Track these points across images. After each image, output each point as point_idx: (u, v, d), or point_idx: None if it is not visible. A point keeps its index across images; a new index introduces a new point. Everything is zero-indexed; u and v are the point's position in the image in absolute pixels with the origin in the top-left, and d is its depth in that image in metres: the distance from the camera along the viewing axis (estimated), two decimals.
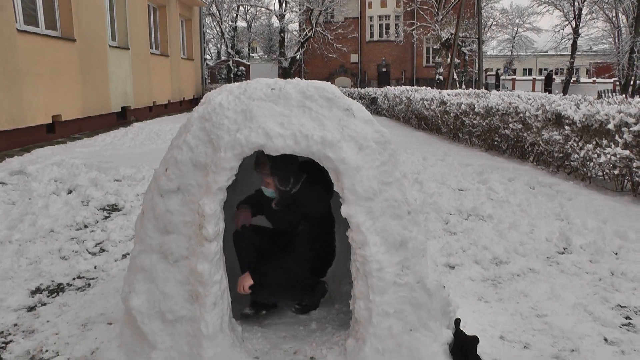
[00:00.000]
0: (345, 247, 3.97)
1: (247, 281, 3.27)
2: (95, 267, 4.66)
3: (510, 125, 10.58)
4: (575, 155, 8.41)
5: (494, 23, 53.64)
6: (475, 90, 17.73)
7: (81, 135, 13.69)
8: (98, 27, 14.79)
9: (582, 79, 53.74)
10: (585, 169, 8.34)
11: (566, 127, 8.58)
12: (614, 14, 42.14)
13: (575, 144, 8.41)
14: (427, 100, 15.93)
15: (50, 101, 12.08)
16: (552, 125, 9.14)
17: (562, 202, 7.19)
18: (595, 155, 7.88)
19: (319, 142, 2.71)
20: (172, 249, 2.88)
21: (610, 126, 7.44)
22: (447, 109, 14.00)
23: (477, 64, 29.61)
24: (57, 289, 4.19)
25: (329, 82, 3.15)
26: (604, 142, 7.67)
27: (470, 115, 12.44)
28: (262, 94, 2.92)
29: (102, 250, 5.18)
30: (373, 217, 2.80)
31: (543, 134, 9.36)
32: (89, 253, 5.09)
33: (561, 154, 8.94)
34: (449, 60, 28.61)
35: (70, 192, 7.48)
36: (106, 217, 6.39)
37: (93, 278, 4.43)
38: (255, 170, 3.34)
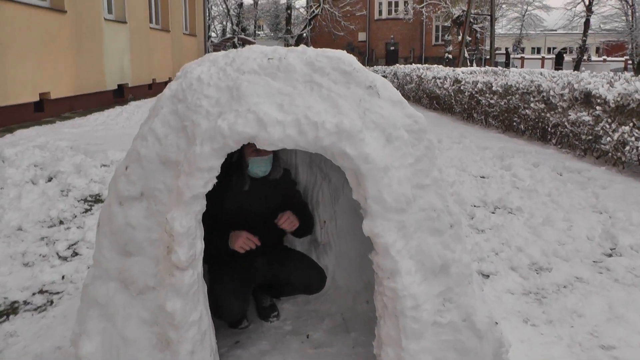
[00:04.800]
0: (362, 255, 3.24)
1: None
2: (62, 278, 3.91)
3: (532, 105, 9.78)
4: (608, 139, 7.62)
5: (503, 2, 52.43)
6: (492, 67, 16.85)
7: (73, 115, 12.91)
8: None
9: (593, 58, 52.54)
10: (618, 153, 7.55)
11: (597, 107, 7.78)
12: None
13: (607, 126, 7.61)
14: (439, 78, 15.07)
15: (37, 77, 11.28)
16: (580, 105, 8.35)
17: (596, 191, 6.44)
18: (633, 139, 7.09)
19: (332, 131, 1.96)
20: (135, 276, 2.14)
21: None
22: (462, 87, 13.16)
23: (488, 42, 28.62)
24: (8, 310, 3.44)
25: (345, 52, 2.37)
26: None
27: (487, 95, 11.62)
28: (255, 66, 2.16)
29: (75, 254, 4.44)
30: (406, 234, 2.05)
31: (569, 115, 8.57)
32: (59, 258, 4.34)
33: (590, 137, 8.15)
34: (460, 38, 27.62)
35: (50, 180, 6.74)
36: (86, 211, 5.65)
37: (58, 292, 3.69)
38: None
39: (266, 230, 2.97)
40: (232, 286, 2.80)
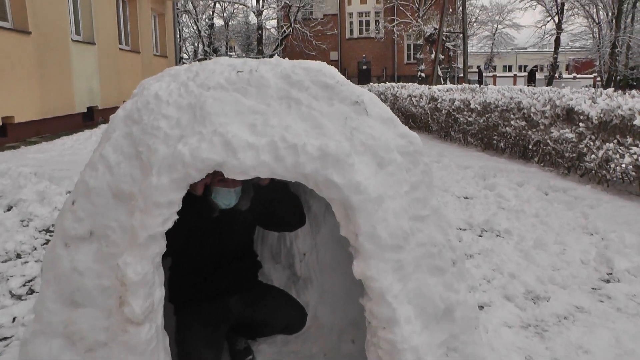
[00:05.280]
0: (346, 289, 2.93)
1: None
2: (13, 320, 3.50)
3: (512, 122, 9.62)
4: (592, 156, 7.45)
5: (474, 20, 53.29)
6: (469, 85, 16.78)
7: (39, 139, 12.41)
8: (58, 19, 13.50)
9: (564, 75, 53.52)
10: (603, 171, 7.38)
11: (580, 124, 7.62)
12: (594, 10, 41.90)
13: (591, 143, 7.45)
14: (415, 97, 14.92)
15: (0, 101, 10.81)
16: (562, 122, 8.19)
17: (584, 211, 6.24)
18: (617, 156, 6.92)
19: (316, 156, 1.65)
20: (83, 330, 1.79)
21: (638, 121, 6.48)
22: (439, 105, 13.01)
23: (460, 60, 28.81)
24: None
25: (325, 63, 2.08)
26: (628, 140, 6.72)
27: (465, 112, 11.47)
28: (222, 80, 1.85)
29: (31, 292, 4.02)
30: (403, 275, 1.74)
31: (552, 132, 8.40)
32: (12, 296, 3.93)
33: (574, 154, 7.98)
34: (432, 56, 27.72)
35: (9, 209, 6.31)
36: (47, 242, 5.23)
37: (6, 338, 3.28)
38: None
39: (238, 264, 2.64)
40: (203, 334, 2.45)
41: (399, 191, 1.79)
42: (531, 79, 37.65)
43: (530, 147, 9.36)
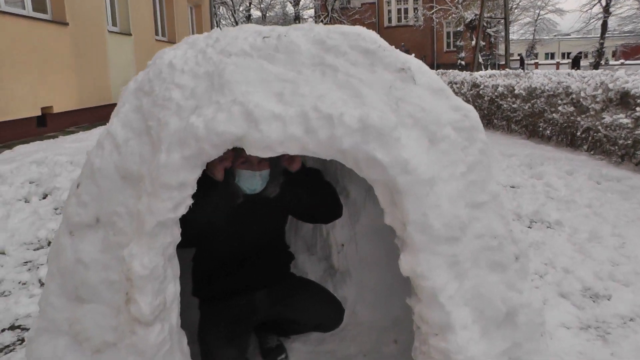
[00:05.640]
0: (388, 285, 2.67)
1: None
2: None
3: (560, 108, 9.13)
4: None
5: (515, 6, 51.87)
6: (512, 70, 16.20)
7: (77, 129, 12.46)
8: (95, 11, 13.52)
9: (610, 62, 51.70)
10: None
11: (637, 109, 7.12)
12: None
13: None
14: (456, 83, 14.44)
15: (39, 91, 10.84)
16: (616, 106, 7.69)
17: None
18: None
19: (355, 128, 1.39)
20: (89, 329, 1.58)
21: None
22: (481, 92, 12.53)
23: (501, 47, 28.00)
24: None
25: (364, 27, 1.80)
26: None
27: (509, 98, 10.99)
28: (246, 46, 1.60)
29: None
30: (459, 273, 1.46)
31: (603, 118, 7.91)
32: (41, 285, 3.79)
33: (628, 142, 7.49)
34: (473, 42, 27.01)
35: (44, 197, 6.23)
36: None
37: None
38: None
39: (266, 256, 2.39)
40: (226, 330, 2.21)
41: (454, 173, 1.52)
42: (576, 66, 36.46)
43: (578, 134, 8.87)
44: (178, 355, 1.61)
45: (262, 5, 47.77)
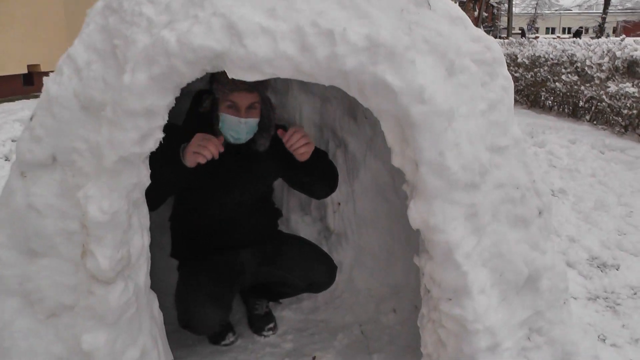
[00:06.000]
0: (388, 249, 2.47)
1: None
2: None
3: (563, 77, 8.86)
4: None
5: None
6: (516, 39, 15.84)
7: None
8: None
9: (611, 37, 51.17)
10: None
11: None
12: None
13: None
14: None
15: (26, 49, 10.48)
16: (622, 75, 7.45)
17: None
18: None
19: (361, 47, 1.15)
20: (43, 289, 1.35)
21: None
22: None
23: (503, 19, 27.57)
24: None
25: None
26: None
27: (511, 67, 10.68)
28: None
29: None
30: (478, 227, 1.25)
31: (608, 87, 7.66)
32: None
33: (634, 111, 7.27)
34: (476, 14, 26.53)
35: None
36: None
37: None
38: (215, 84, 1.93)
39: (252, 214, 2.16)
40: (208, 289, 2.00)
41: (474, 110, 1.29)
42: None
43: (581, 104, 8.64)
44: (147, 320, 1.39)
45: None
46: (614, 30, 57.33)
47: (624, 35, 8.80)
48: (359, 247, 2.57)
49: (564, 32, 61.09)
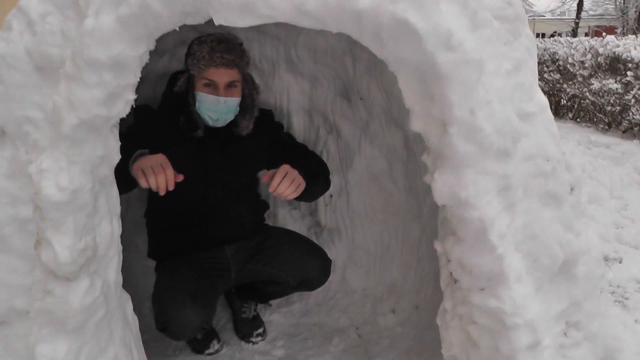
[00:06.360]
0: (385, 245, 2.29)
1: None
2: None
3: (545, 75, 8.82)
4: None
5: None
6: None
7: None
8: None
9: None
10: None
11: (628, 73, 6.85)
12: None
13: None
14: None
15: None
16: (605, 72, 7.41)
17: (637, 166, 5.58)
18: None
19: None
20: None
21: None
22: None
23: None
24: None
25: None
26: None
27: None
28: None
29: None
30: (510, 203, 1.06)
31: (591, 84, 7.62)
32: None
33: (617, 107, 7.23)
34: None
35: None
36: None
37: None
38: (189, 59, 1.75)
39: (236, 205, 1.95)
40: (189, 289, 1.77)
41: (499, 69, 1.11)
42: None
43: (564, 102, 8.60)
44: (118, 326, 1.16)
45: None
46: (586, 35, 58.47)
47: (605, 34, 8.80)
48: (353, 243, 2.38)
49: (537, 37, 62.03)
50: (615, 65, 7.27)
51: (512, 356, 1.01)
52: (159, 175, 1.47)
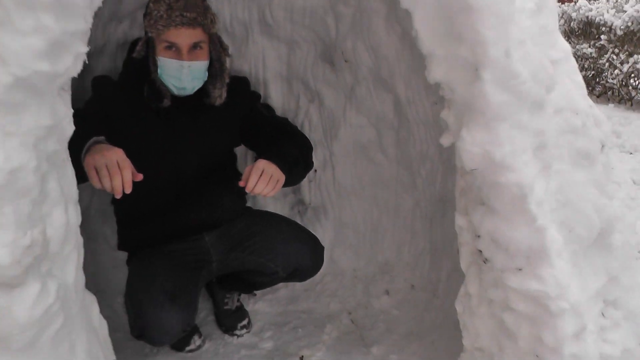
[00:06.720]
0: (374, 221, 2.15)
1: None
2: None
3: None
4: (616, 71, 6.68)
5: None
6: None
7: None
8: None
9: None
10: (627, 88, 6.66)
11: (602, 37, 6.82)
12: None
13: (614, 57, 6.67)
14: None
15: None
16: (577, 37, 7.36)
17: (615, 129, 5.59)
18: None
19: None
20: None
21: None
22: None
23: None
24: None
25: None
26: None
27: None
28: None
29: None
30: (545, 164, 0.88)
31: None
32: None
33: (592, 72, 7.19)
34: None
35: None
36: None
37: None
38: (147, 19, 1.54)
39: (213, 186, 1.75)
40: (167, 285, 1.58)
41: (524, 8, 0.93)
42: None
43: None
44: (82, 336, 0.96)
45: None
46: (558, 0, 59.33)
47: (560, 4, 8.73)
48: (340, 221, 2.22)
49: None
50: (588, 30, 7.24)
51: (557, 347, 0.85)
52: (114, 176, 1.26)
